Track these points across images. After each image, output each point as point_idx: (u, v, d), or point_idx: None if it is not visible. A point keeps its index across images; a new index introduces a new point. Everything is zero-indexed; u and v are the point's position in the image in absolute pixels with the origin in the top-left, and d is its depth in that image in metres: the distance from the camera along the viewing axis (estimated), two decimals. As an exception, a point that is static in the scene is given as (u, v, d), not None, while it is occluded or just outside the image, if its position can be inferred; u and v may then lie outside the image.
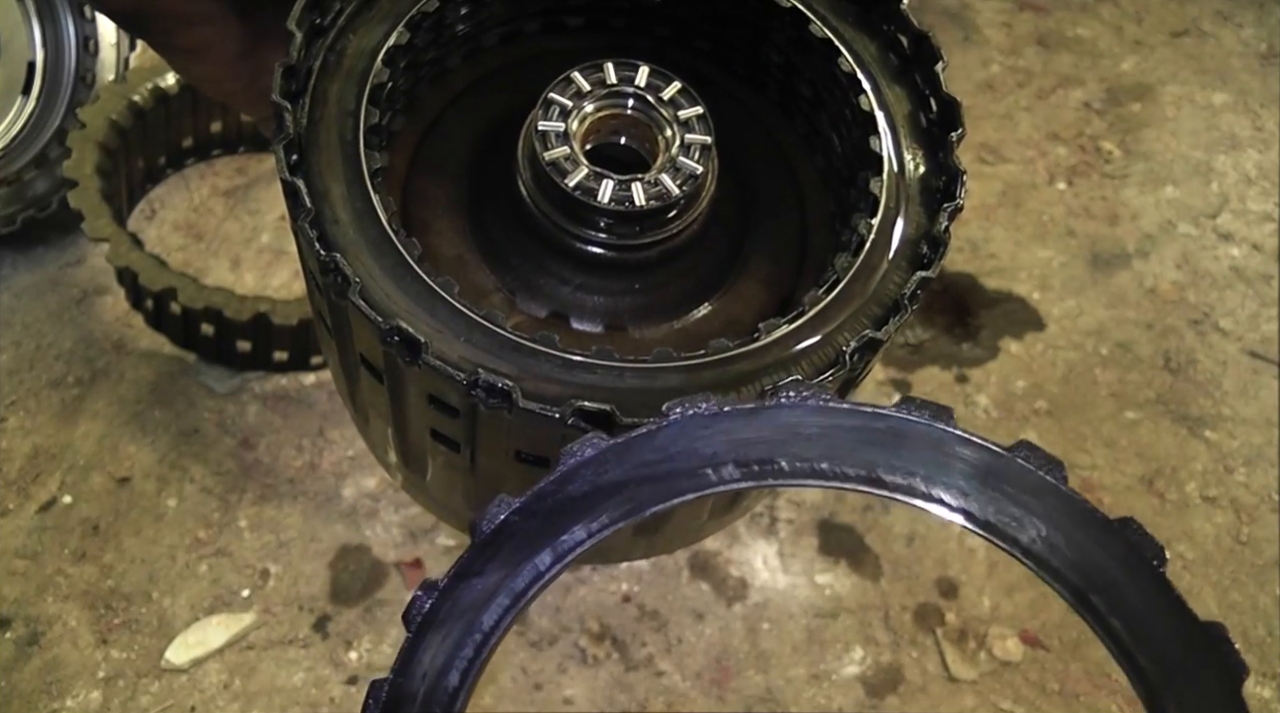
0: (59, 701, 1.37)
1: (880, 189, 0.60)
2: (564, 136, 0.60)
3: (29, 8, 1.82)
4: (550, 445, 0.55)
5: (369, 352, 0.57)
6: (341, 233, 0.55)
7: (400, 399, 0.58)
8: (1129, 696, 1.46)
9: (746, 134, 0.70)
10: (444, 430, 0.59)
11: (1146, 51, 2.42)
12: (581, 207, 0.59)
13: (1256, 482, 1.69)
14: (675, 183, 0.60)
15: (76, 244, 1.85)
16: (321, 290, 0.56)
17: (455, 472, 0.65)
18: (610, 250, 0.62)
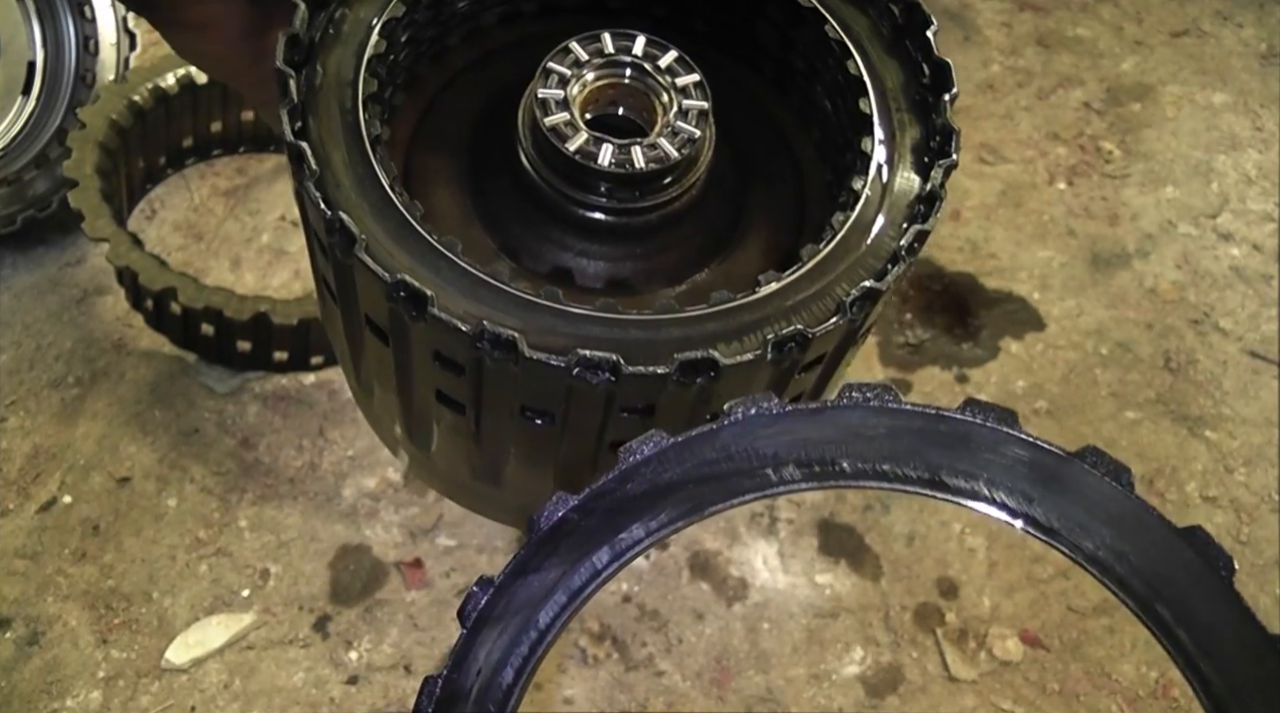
0: (59, 701, 1.37)
1: (871, 147, 0.61)
2: (564, 103, 0.61)
3: (29, 8, 1.82)
4: (554, 399, 0.55)
5: (374, 311, 0.57)
6: (344, 197, 0.56)
7: (405, 360, 0.59)
8: (1129, 696, 1.46)
9: (744, 111, 0.71)
10: (449, 391, 0.59)
11: (1146, 51, 2.42)
12: (582, 171, 0.60)
13: (1256, 482, 1.69)
14: (673, 146, 0.61)
15: (76, 244, 1.85)
16: (326, 252, 0.57)
17: (459, 438, 0.65)
18: (611, 215, 0.63)
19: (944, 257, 1.98)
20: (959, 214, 2.06)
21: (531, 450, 0.63)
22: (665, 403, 0.56)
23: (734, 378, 0.54)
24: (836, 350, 0.60)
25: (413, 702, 0.45)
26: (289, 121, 0.55)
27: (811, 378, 0.61)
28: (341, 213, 0.53)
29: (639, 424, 0.57)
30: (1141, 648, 1.50)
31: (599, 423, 0.57)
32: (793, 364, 0.56)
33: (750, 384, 0.57)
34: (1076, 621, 1.52)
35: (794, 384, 0.59)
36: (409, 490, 1.59)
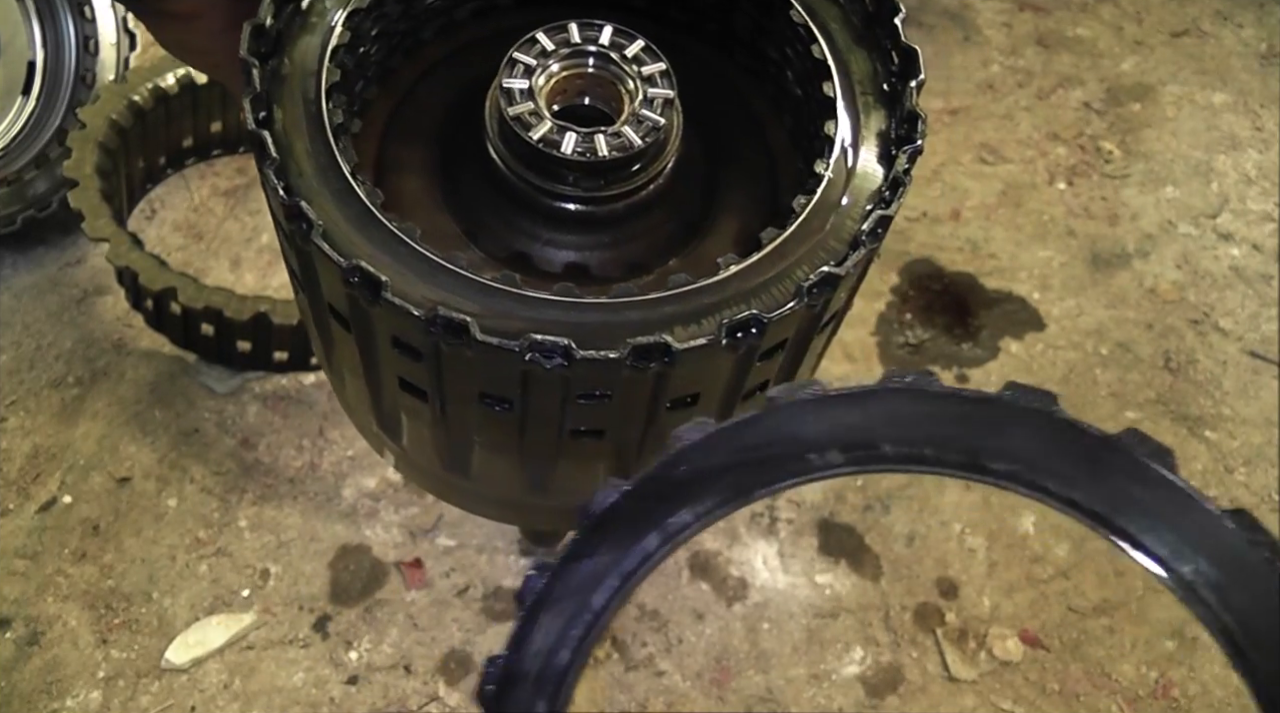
0: (59, 701, 1.37)
1: (835, 130, 0.61)
2: (528, 93, 0.61)
3: (29, 8, 1.82)
4: (511, 385, 0.55)
5: (335, 298, 0.58)
6: (305, 184, 0.56)
7: (368, 348, 0.59)
8: (1129, 696, 1.46)
9: (719, 99, 0.71)
10: (411, 378, 0.60)
11: (1146, 51, 2.42)
12: (546, 159, 0.60)
13: (1256, 482, 1.69)
14: (638, 134, 0.61)
15: (76, 244, 1.85)
16: (289, 239, 0.58)
17: (426, 427, 0.65)
18: (577, 203, 0.63)
19: (944, 257, 1.98)
20: (959, 214, 2.06)
21: (495, 438, 0.63)
22: (622, 388, 0.56)
23: (691, 363, 0.54)
24: (799, 337, 0.59)
25: (413, 702, 0.45)
26: (251, 110, 0.56)
27: (775, 366, 0.61)
28: (301, 200, 0.53)
29: (598, 411, 0.57)
30: (1141, 648, 1.50)
31: (558, 409, 0.57)
32: (750, 350, 0.56)
33: (709, 370, 0.57)
34: (1076, 621, 1.52)
35: (756, 372, 0.59)
36: (409, 490, 1.59)
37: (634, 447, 0.63)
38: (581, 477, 0.68)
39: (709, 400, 0.60)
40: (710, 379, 0.58)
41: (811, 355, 0.65)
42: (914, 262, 1.97)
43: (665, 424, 0.60)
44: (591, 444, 0.62)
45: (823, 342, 0.65)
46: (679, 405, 0.59)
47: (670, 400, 0.58)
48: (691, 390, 0.58)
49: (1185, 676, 1.48)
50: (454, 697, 1.40)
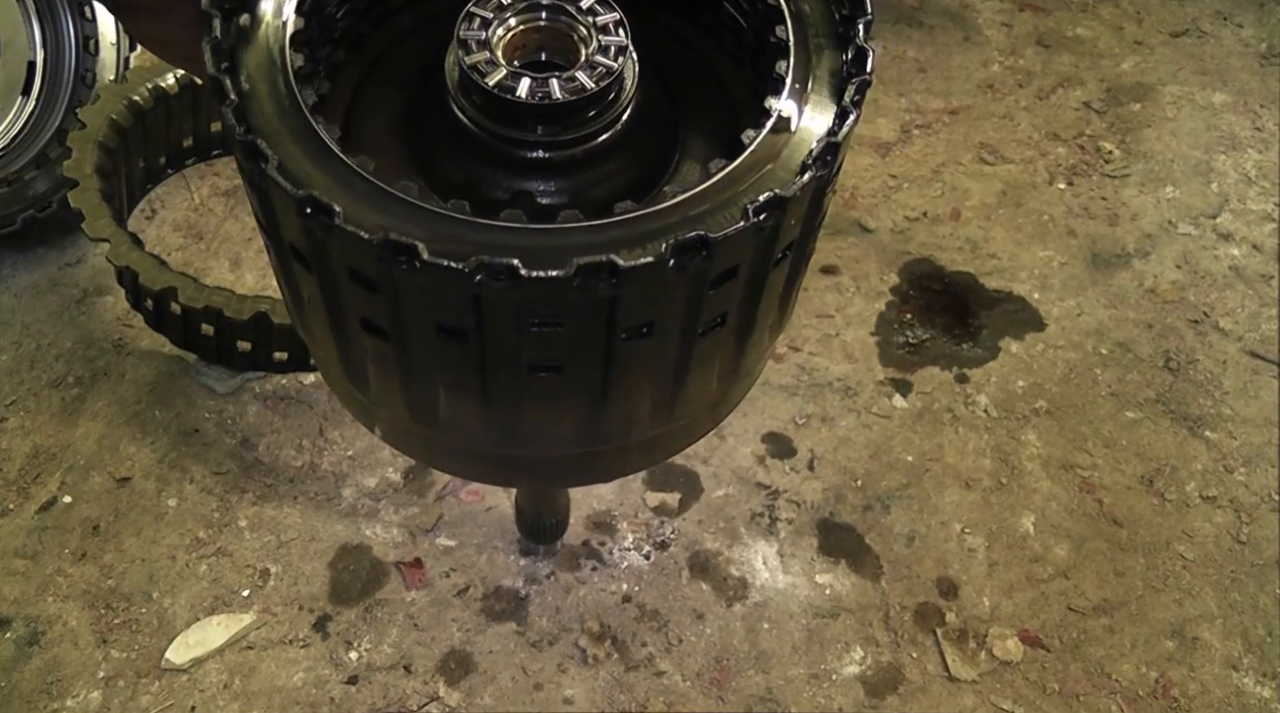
0: (59, 701, 1.37)
1: (786, 69, 0.63)
2: (484, 43, 0.63)
3: (29, 8, 1.82)
4: (464, 312, 0.56)
5: (294, 235, 0.59)
6: (266, 123, 0.58)
7: (330, 289, 0.60)
8: (1129, 696, 1.46)
9: (681, 59, 0.74)
10: (370, 315, 0.61)
11: (1146, 51, 2.42)
12: (502, 105, 0.62)
13: (1256, 482, 1.69)
14: (591, 79, 0.62)
15: (76, 244, 1.86)
16: (248, 179, 0.59)
17: (390, 373, 0.66)
18: (536, 150, 0.64)
19: (944, 257, 1.98)
20: (959, 214, 2.06)
21: (457, 379, 0.64)
22: (573, 314, 0.56)
23: (640, 286, 0.55)
24: (753, 268, 0.60)
25: (413, 702, 0.45)
26: (213, 58, 0.57)
27: (733, 299, 0.61)
28: (257, 137, 0.55)
29: (554, 341, 0.58)
30: (1141, 648, 1.50)
31: (512, 339, 0.58)
32: (700, 273, 0.56)
33: (661, 297, 0.57)
34: (1076, 621, 1.52)
35: (711, 301, 0.59)
36: (409, 490, 1.59)
37: (598, 388, 0.64)
38: (550, 424, 0.69)
39: (666, 332, 0.60)
40: (664, 307, 0.59)
41: (771, 293, 0.65)
42: (914, 262, 1.97)
43: (625, 361, 0.61)
44: (553, 383, 0.63)
45: (781, 279, 0.66)
46: (635, 336, 0.59)
47: (625, 330, 0.59)
48: (645, 319, 0.59)
49: (1185, 676, 1.48)
50: (454, 697, 1.40)
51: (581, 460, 0.78)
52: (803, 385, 1.76)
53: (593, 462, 0.78)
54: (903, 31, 2.42)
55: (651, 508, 1.59)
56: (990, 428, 1.73)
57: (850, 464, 1.67)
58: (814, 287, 1.90)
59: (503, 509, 1.58)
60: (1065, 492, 1.66)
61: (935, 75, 2.33)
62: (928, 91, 2.29)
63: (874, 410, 1.74)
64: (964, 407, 1.76)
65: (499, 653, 1.44)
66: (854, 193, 2.08)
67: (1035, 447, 1.71)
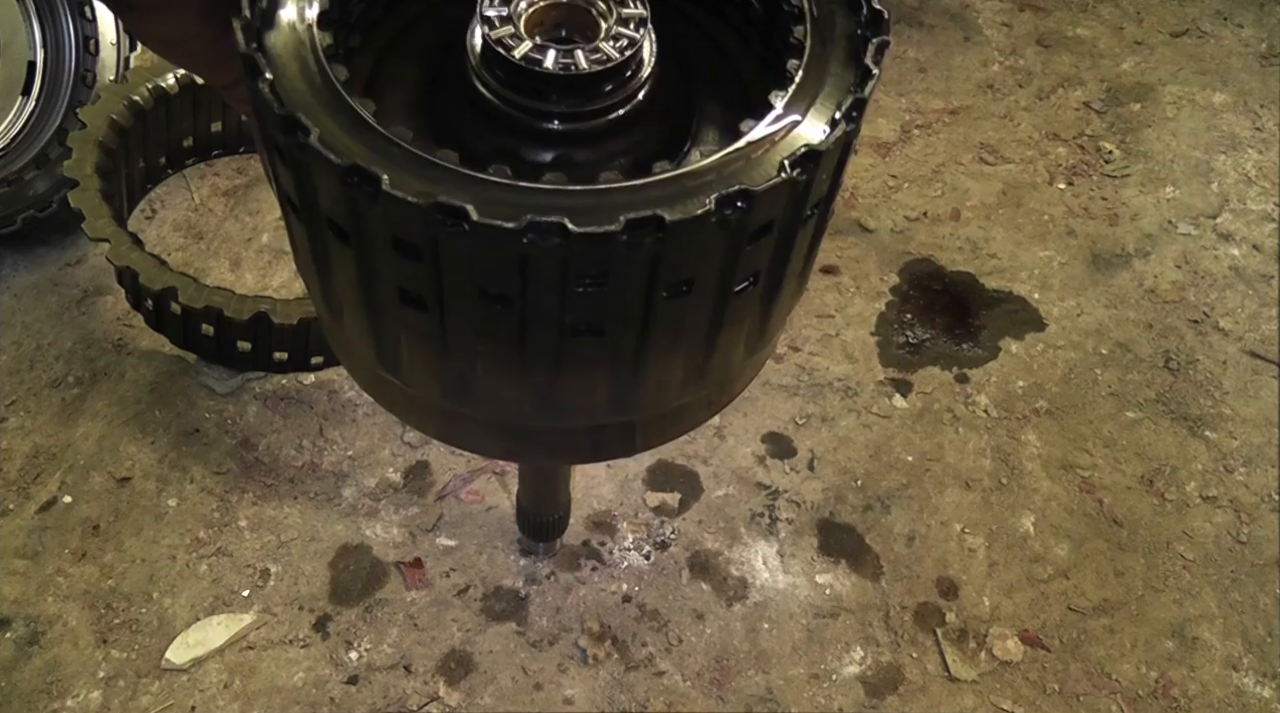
0: (59, 701, 1.37)
1: (805, 35, 0.65)
2: (508, 19, 0.64)
3: (29, 8, 1.82)
4: (510, 275, 0.57)
5: (333, 208, 0.59)
6: (299, 99, 0.59)
7: (366, 258, 0.61)
8: (1129, 696, 1.46)
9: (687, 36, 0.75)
10: (411, 285, 0.61)
11: (1146, 51, 2.42)
12: (529, 77, 0.63)
13: (1256, 482, 1.69)
14: (615, 49, 0.64)
15: (76, 244, 1.86)
16: (284, 154, 0.59)
17: (427, 348, 0.67)
18: (559, 121, 0.66)
19: (944, 257, 1.98)
20: (959, 214, 2.06)
21: (496, 348, 0.65)
22: (618, 271, 0.57)
23: (683, 241, 0.56)
24: (786, 222, 0.61)
25: (413, 702, 0.45)
26: (243, 36, 0.58)
27: (765, 254, 0.63)
28: (296, 111, 0.55)
29: (597, 300, 0.59)
30: (1141, 648, 1.50)
31: (557, 301, 0.59)
32: (740, 227, 0.57)
33: (702, 250, 0.58)
34: (1076, 620, 1.52)
35: (747, 257, 0.61)
36: (409, 490, 1.59)
37: (636, 351, 0.65)
38: (582, 393, 0.70)
39: (704, 289, 0.62)
40: (704, 262, 0.60)
41: (798, 253, 0.67)
42: (914, 262, 1.97)
43: (664, 321, 0.62)
44: (592, 347, 0.64)
45: (808, 238, 0.67)
46: (675, 294, 0.61)
47: (667, 288, 0.60)
48: (687, 275, 0.60)
49: (1185, 676, 1.48)
50: (454, 697, 1.40)
51: (610, 432, 0.79)
52: (803, 385, 1.76)
53: (621, 434, 0.80)
54: (903, 31, 2.42)
55: (651, 508, 1.59)
56: (990, 428, 1.73)
57: (850, 464, 1.67)
58: (814, 287, 1.90)
59: (503, 509, 1.58)
60: (1065, 492, 1.66)
61: (935, 75, 2.33)
62: (928, 91, 2.29)
63: (874, 410, 1.74)
64: (964, 407, 1.76)
65: (499, 653, 1.44)
66: (854, 193, 2.08)
67: (1035, 447, 1.71)
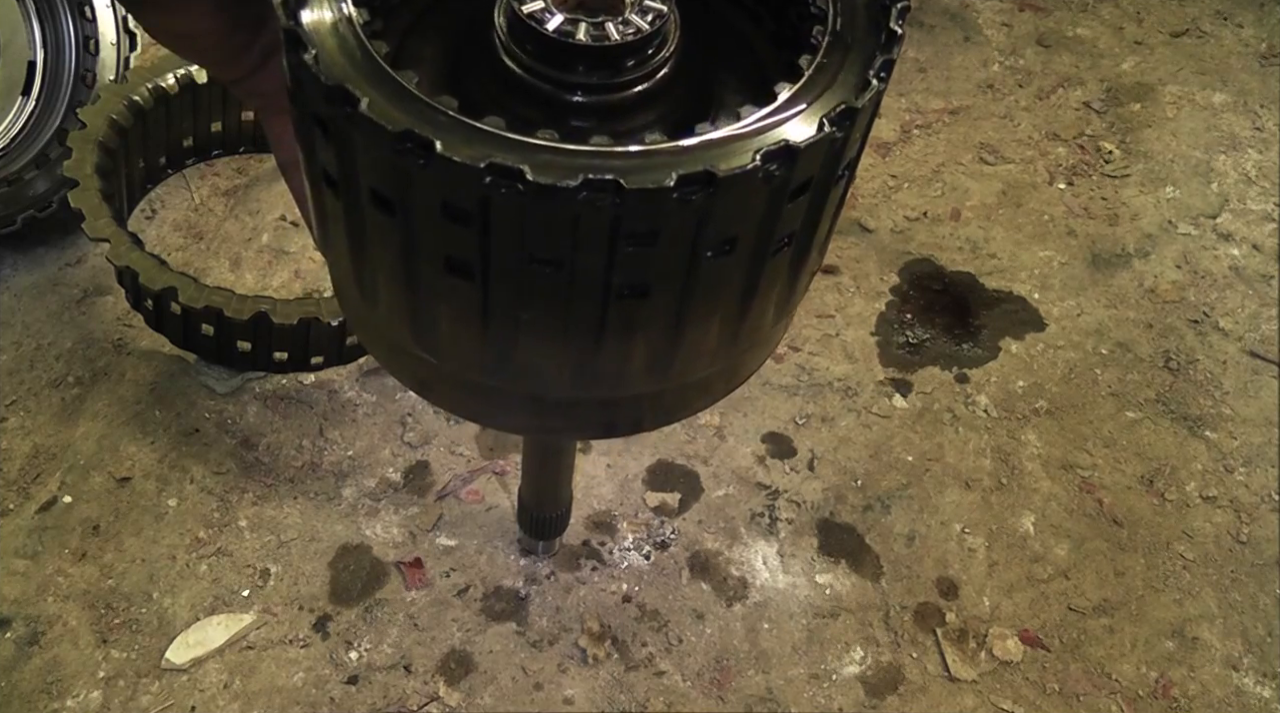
0: (59, 701, 1.37)
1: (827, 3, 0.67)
2: None
3: (29, 8, 1.82)
4: (562, 236, 0.58)
5: (378, 178, 0.60)
6: (340, 71, 0.59)
7: (411, 228, 0.62)
8: (1129, 695, 1.46)
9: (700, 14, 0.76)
10: (458, 253, 0.62)
11: (1146, 51, 2.42)
12: (561, 49, 0.65)
13: (1256, 482, 1.69)
14: (644, 20, 0.66)
15: (76, 244, 1.86)
16: (327, 127, 0.60)
17: (469, 319, 0.68)
18: (588, 94, 0.67)
19: (944, 257, 1.98)
20: (959, 214, 2.06)
21: (539, 315, 0.66)
22: (668, 228, 0.59)
23: (730, 196, 0.57)
24: (822, 178, 0.63)
25: (413, 702, 0.45)
26: (283, 12, 0.59)
27: (800, 212, 0.64)
28: (343, 82, 0.56)
29: (644, 258, 0.60)
30: (1141, 648, 1.50)
31: (605, 260, 0.60)
32: (784, 183, 0.59)
33: (745, 207, 0.60)
34: (1076, 620, 1.52)
35: (785, 216, 0.62)
36: (409, 490, 1.59)
37: (673, 318, 0.66)
38: (623, 360, 0.71)
39: (744, 248, 0.63)
40: (746, 220, 0.61)
41: (828, 214, 0.69)
42: (914, 262, 1.97)
43: (707, 281, 0.64)
44: (635, 309, 0.65)
45: (837, 199, 0.69)
46: (719, 253, 0.62)
47: (711, 247, 0.61)
48: (730, 233, 0.61)
49: (1185, 676, 1.48)
50: (454, 697, 1.40)
51: (644, 401, 0.81)
52: (803, 385, 1.76)
53: (655, 403, 0.81)
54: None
55: (651, 508, 1.60)
56: (990, 428, 1.73)
57: (850, 464, 1.67)
58: (814, 287, 1.91)
59: (503, 509, 1.58)
60: (1065, 492, 1.66)
61: (935, 75, 2.33)
62: (928, 91, 2.29)
63: (874, 410, 1.74)
64: (964, 407, 1.76)
65: (499, 653, 1.44)
66: (854, 193, 2.08)
67: (1035, 447, 1.71)
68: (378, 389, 1.69)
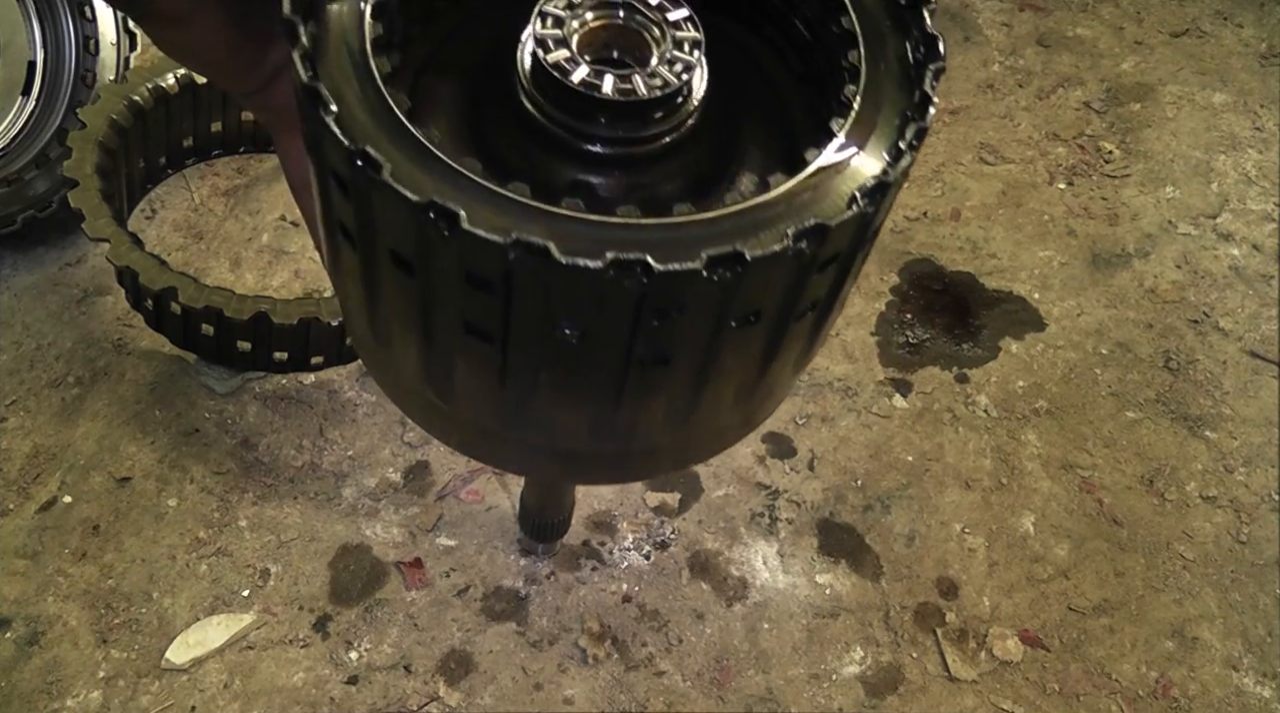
0: (59, 701, 1.37)
1: (859, 59, 0.64)
2: (562, 41, 0.63)
3: (29, 8, 1.82)
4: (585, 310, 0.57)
5: (399, 242, 0.58)
6: (360, 129, 0.57)
7: (431, 291, 0.60)
8: (1129, 696, 1.46)
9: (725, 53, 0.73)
10: (477, 318, 0.60)
11: (1146, 51, 2.42)
12: (586, 102, 0.62)
13: (1256, 482, 1.69)
14: (672, 73, 0.63)
15: (76, 244, 1.86)
16: (348, 188, 0.58)
17: (484, 376, 0.66)
18: (611, 146, 0.65)
19: (944, 257, 1.98)
20: (959, 214, 2.06)
21: (558, 377, 0.64)
22: (693, 304, 0.57)
23: (760, 273, 0.55)
24: (849, 249, 0.61)
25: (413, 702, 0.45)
26: (302, 66, 0.56)
27: (827, 282, 0.63)
28: (365, 145, 0.54)
29: (666, 333, 0.59)
30: (1141, 648, 1.50)
31: (628, 333, 0.58)
32: (812, 259, 0.57)
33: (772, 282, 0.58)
34: (1076, 620, 1.52)
35: (812, 287, 0.61)
36: (409, 490, 1.59)
37: (698, 378, 0.65)
38: (640, 418, 0.70)
39: (769, 317, 0.61)
40: (772, 293, 0.60)
41: (853, 277, 0.67)
42: (914, 262, 1.97)
43: (725, 348, 0.62)
44: (655, 375, 0.63)
45: (862, 261, 0.67)
46: (743, 324, 0.60)
47: (736, 319, 0.60)
48: (755, 307, 0.60)
49: (1185, 676, 1.48)
50: (454, 697, 1.40)
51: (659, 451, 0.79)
52: (803, 385, 1.76)
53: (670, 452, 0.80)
54: (903, 31, 2.42)
55: (651, 508, 1.60)
56: (990, 428, 1.73)
57: (850, 464, 1.67)
58: (814, 287, 1.91)
59: (503, 509, 1.58)
60: (1065, 492, 1.66)
61: (935, 75, 2.33)
62: (928, 91, 2.29)
63: (874, 410, 1.74)
64: (964, 407, 1.76)
65: (499, 653, 1.44)
66: (854, 193, 2.08)
67: (1035, 447, 1.71)
68: (378, 389, 1.70)
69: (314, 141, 0.60)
